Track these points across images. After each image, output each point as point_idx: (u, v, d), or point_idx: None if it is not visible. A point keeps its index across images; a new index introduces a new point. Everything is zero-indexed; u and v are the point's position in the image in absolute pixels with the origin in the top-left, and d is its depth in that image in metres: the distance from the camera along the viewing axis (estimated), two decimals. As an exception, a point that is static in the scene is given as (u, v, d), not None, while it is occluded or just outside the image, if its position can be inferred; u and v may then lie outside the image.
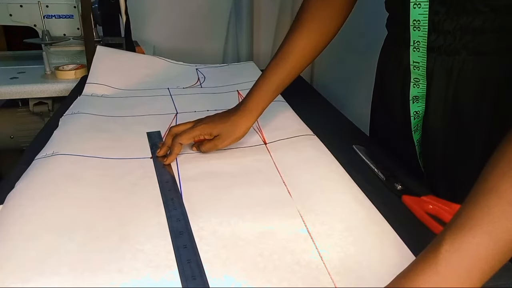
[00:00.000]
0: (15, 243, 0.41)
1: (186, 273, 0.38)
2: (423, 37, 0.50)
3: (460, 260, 0.30)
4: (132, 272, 0.39)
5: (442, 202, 0.48)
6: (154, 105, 0.80)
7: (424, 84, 0.53)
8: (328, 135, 0.67)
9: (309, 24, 0.60)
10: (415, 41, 0.51)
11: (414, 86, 0.54)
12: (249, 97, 0.62)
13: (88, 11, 1.01)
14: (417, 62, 0.52)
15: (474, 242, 0.30)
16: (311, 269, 0.40)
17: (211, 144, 0.60)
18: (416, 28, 0.50)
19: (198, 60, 1.09)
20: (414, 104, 0.55)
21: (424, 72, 0.52)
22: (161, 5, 1.34)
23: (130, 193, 0.51)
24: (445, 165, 0.56)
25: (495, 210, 0.31)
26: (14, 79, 1.06)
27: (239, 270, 0.39)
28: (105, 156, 0.59)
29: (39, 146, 0.61)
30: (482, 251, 0.30)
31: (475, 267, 0.30)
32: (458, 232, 0.31)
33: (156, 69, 0.99)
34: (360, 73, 1.17)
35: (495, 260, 0.31)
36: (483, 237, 0.30)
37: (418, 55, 0.52)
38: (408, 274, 0.32)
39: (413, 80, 0.54)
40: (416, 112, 0.56)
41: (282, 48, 0.61)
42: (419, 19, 0.49)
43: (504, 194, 0.31)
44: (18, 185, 0.51)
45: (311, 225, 0.46)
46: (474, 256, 0.30)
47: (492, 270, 0.31)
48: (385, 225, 0.46)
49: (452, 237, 0.31)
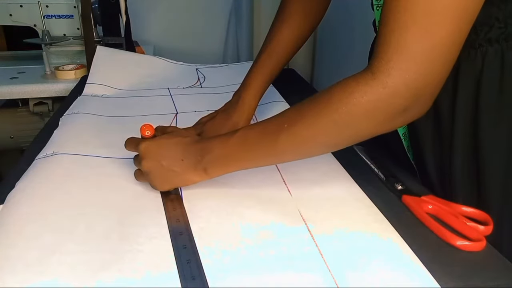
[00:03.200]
0: (15, 243, 0.41)
1: (185, 273, 0.38)
2: None
3: None
4: (132, 272, 0.39)
5: (442, 202, 0.48)
6: (154, 105, 0.80)
7: None
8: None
9: (294, 13, 0.63)
10: None
11: None
12: (244, 91, 0.64)
13: (88, 11, 1.01)
14: None
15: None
16: (312, 269, 0.40)
17: None
18: None
19: (198, 60, 1.09)
20: None
21: None
22: (161, 5, 1.34)
23: (130, 193, 0.51)
24: (433, 157, 0.56)
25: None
26: (14, 79, 1.05)
27: (239, 270, 0.39)
28: (105, 155, 0.59)
29: (39, 146, 0.61)
30: None
31: None
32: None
33: (156, 69, 0.99)
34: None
35: None
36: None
37: None
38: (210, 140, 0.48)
39: None
40: None
41: (271, 39, 0.63)
42: None
43: None
44: (18, 185, 0.51)
45: (311, 224, 0.46)
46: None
47: None
48: (386, 224, 0.46)
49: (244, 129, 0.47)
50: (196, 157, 0.48)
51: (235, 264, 0.40)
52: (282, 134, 0.43)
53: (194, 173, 0.49)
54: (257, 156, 0.47)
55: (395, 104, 0.38)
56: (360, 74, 0.40)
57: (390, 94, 0.38)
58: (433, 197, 0.49)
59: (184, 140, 0.50)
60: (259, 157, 0.47)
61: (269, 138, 0.44)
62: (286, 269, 0.40)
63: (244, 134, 0.47)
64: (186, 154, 0.49)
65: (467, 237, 0.43)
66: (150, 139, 0.51)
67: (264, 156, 0.47)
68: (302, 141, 0.43)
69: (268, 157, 0.47)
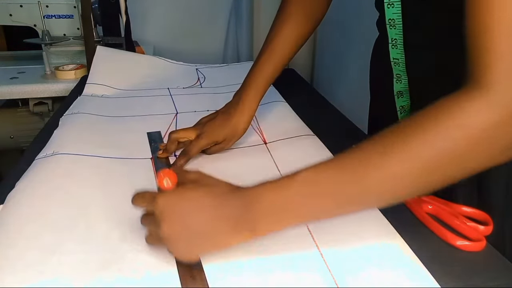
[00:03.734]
0: (15, 243, 0.41)
1: (185, 273, 0.38)
2: (399, 35, 0.52)
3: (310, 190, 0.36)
4: (132, 272, 0.39)
5: (442, 202, 0.48)
6: (154, 105, 0.80)
7: (405, 79, 0.55)
8: (328, 135, 0.67)
9: (294, 13, 0.62)
10: (392, 38, 0.53)
11: (397, 81, 0.56)
12: (244, 92, 0.62)
13: (88, 11, 1.01)
14: (397, 59, 0.54)
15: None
16: (312, 268, 0.40)
17: (218, 147, 0.61)
18: (392, 27, 0.52)
19: (198, 60, 1.09)
20: (399, 99, 0.57)
21: (404, 68, 0.54)
22: (161, 5, 1.34)
23: (130, 193, 0.51)
24: None
25: (355, 166, 0.35)
26: (14, 79, 1.05)
27: (239, 270, 0.39)
28: (105, 156, 0.59)
29: (39, 146, 0.61)
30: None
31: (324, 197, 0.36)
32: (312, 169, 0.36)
33: (156, 69, 0.99)
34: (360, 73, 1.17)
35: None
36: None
37: (397, 52, 0.53)
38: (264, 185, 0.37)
39: (395, 76, 0.56)
40: (402, 107, 0.57)
41: (271, 40, 0.62)
42: (394, 18, 0.51)
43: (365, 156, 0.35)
44: (18, 185, 0.51)
45: (312, 224, 0.46)
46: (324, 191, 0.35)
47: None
48: (386, 224, 0.46)
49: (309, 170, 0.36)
50: (237, 211, 0.37)
51: (235, 264, 0.40)
52: (372, 172, 0.34)
53: (233, 233, 0.37)
54: (330, 205, 0.36)
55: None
56: (465, 91, 0.33)
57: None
58: (433, 197, 0.49)
59: (217, 189, 0.39)
60: (333, 206, 0.36)
61: (350, 179, 0.34)
62: (286, 269, 0.40)
63: (310, 176, 0.36)
64: (221, 209, 0.38)
65: (467, 237, 0.43)
66: (171, 192, 0.39)
67: (342, 204, 0.36)
68: (399, 180, 0.34)
69: (347, 206, 0.36)
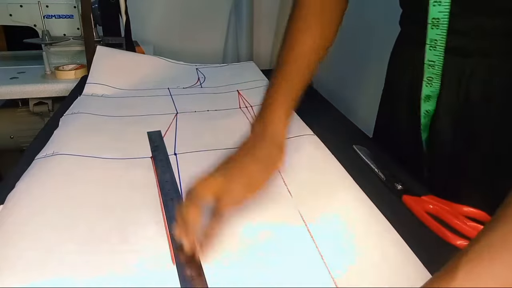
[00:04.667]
0: (15, 243, 0.41)
1: (185, 273, 0.38)
2: (442, 36, 0.49)
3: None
4: (132, 272, 0.39)
5: (442, 202, 0.48)
6: (154, 105, 0.80)
7: (438, 83, 0.52)
8: (329, 135, 0.67)
9: (311, 20, 0.54)
10: (432, 39, 0.50)
11: (427, 85, 0.53)
12: (270, 123, 0.49)
13: (88, 11, 1.01)
14: (433, 61, 0.51)
15: (491, 274, 0.29)
16: (312, 269, 0.40)
17: (254, 190, 0.45)
18: (435, 27, 0.49)
19: (198, 60, 1.09)
20: (426, 103, 0.55)
21: (439, 71, 0.51)
22: (161, 5, 1.34)
23: (130, 193, 0.51)
24: (450, 165, 0.56)
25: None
26: (14, 79, 1.05)
27: (239, 270, 0.39)
28: (105, 156, 0.59)
29: (39, 146, 0.61)
30: (499, 283, 0.28)
31: None
32: (475, 260, 0.29)
33: (156, 69, 0.99)
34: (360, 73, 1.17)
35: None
36: (502, 269, 0.28)
37: (434, 54, 0.51)
38: None
39: (426, 79, 0.53)
40: (427, 111, 0.55)
41: (290, 53, 0.52)
42: (439, 17, 0.48)
43: None
44: (18, 185, 0.51)
45: (311, 224, 0.46)
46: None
47: None
48: (386, 224, 0.46)
49: (469, 265, 0.29)
50: None
51: (235, 264, 0.40)
52: None
53: None
54: None
55: None
56: None
57: None
58: (433, 197, 0.49)
59: None
60: None
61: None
62: (286, 269, 0.40)
63: (474, 264, 0.29)
64: None
65: (467, 237, 0.43)
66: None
67: None
68: None
69: None
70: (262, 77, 0.98)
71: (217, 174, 0.43)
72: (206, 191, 0.41)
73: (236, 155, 0.46)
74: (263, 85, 0.92)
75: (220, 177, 0.43)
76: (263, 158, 0.46)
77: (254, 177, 0.44)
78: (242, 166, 0.44)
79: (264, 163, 0.46)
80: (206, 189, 0.41)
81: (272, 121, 0.49)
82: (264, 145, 0.47)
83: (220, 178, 0.42)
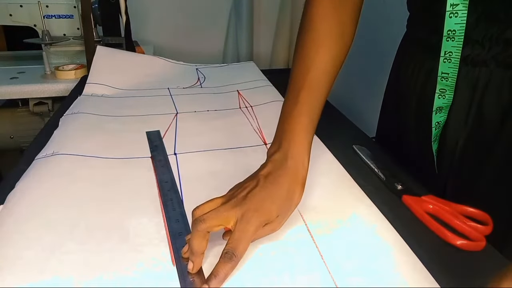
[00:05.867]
0: (15, 243, 0.41)
1: (185, 274, 0.38)
2: (457, 48, 0.46)
3: None
4: (132, 272, 0.39)
5: (442, 202, 0.48)
6: (154, 105, 0.80)
7: (451, 95, 0.50)
8: (328, 135, 0.67)
9: (325, 34, 0.50)
10: (446, 51, 0.47)
11: (439, 97, 0.51)
12: (289, 143, 0.45)
13: (88, 11, 1.01)
14: (446, 73, 0.49)
15: None
16: (312, 268, 0.40)
17: (268, 229, 0.42)
18: (450, 39, 0.46)
19: (198, 60, 1.09)
20: (437, 115, 0.52)
21: (453, 83, 0.49)
22: (161, 5, 1.34)
23: (130, 193, 0.51)
24: (460, 176, 0.54)
25: None
26: (14, 79, 1.06)
27: (239, 270, 0.39)
28: (105, 156, 0.59)
29: (39, 146, 0.61)
30: None
31: None
32: None
33: (156, 69, 0.99)
34: (360, 73, 1.17)
35: None
36: None
37: (449, 66, 0.48)
38: None
39: (439, 91, 0.50)
40: (438, 122, 0.53)
41: (307, 73, 0.48)
42: (455, 29, 0.45)
43: None
44: (18, 185, 0.51)
45: (311, 224, 0.46)
46: None
47: None
48: (386, 224, 0.46)
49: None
50: None
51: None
52: None
53: None
54: None
55: None
56: None
57: None
58: (433, 197, 0.49)
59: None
60: None
61: None
62: (286, 269, 0.40)
63: None
64: None
65: (467, 237, 0.43)
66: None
67: None
68: None
69: None
70: (262, 77, 0.98)
71: (229, 206, 0.40)
72: (216, 223, 0.39)
73: (252, 186, 0.42)
74: (263, 85, 0.92)
75: (233, 211, 0.39)
76: (282, 196, 0.42)
77: (272, 217, 0.41)
78: (258, 202, 0.40)
79: (282, 201, 0.42)
80: (217, 222, 0.39)
81: (295, 153, 0.45)
82: (285, 180, 0.43)
83: (233, 213, 0.39)
